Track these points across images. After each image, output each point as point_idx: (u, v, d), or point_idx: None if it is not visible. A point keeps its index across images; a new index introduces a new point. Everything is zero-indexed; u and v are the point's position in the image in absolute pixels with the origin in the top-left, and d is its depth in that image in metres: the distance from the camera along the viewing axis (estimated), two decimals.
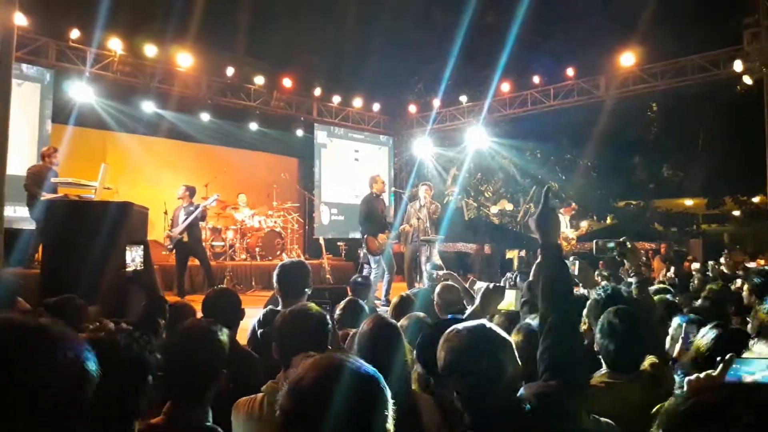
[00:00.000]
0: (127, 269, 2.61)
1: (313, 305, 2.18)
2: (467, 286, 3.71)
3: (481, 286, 2.52)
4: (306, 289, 2.99)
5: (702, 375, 1.36)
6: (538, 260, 1.74)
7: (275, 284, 3.01)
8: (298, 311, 2.15)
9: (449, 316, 2.35)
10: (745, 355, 1.54)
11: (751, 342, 2.04)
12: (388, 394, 1.15)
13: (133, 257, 2.62)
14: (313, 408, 1.08)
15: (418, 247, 7.72)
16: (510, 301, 3.03)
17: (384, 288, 7.41)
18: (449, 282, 3.69)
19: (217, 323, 1.95)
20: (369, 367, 1.17)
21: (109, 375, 0.96)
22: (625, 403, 1.98)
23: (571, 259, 3.42)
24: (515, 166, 13.66)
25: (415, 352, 2.11)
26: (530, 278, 2.98)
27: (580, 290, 4.05)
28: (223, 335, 1.90)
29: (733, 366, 1.32)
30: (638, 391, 2.10)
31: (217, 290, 3.16)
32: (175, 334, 1.88)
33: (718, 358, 1.34)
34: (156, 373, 1.53)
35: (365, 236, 7.48)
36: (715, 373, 1.33)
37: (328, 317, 2.21)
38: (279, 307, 2.93)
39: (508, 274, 4.91)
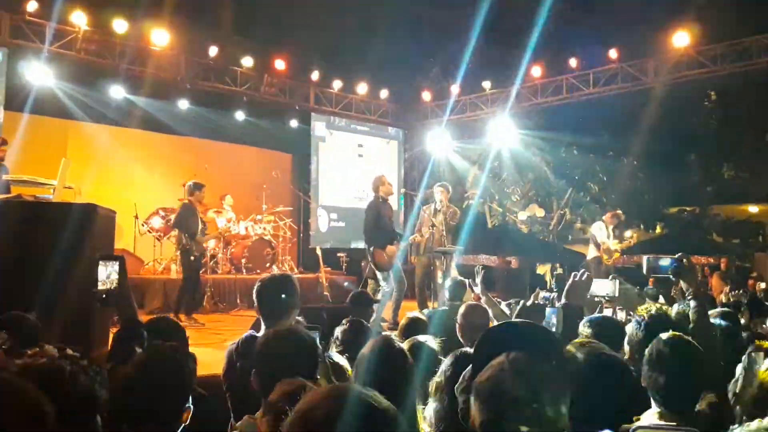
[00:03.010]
0: (99, 288, 2.56)
1: (300, 327, 2.19)
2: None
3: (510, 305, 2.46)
4: (293, 309, 2.96)
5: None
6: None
7: (255, 303, 3.00)
8: (283, 333, 2.16)
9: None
10: None
11: None
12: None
13: (108, 274, 2.58)
14: None
15: (432, 259, 7.76)
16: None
17: (392, 308, 7.42)
18: (478, 303, 3.68)
19: (179, 348, 1.96)
20: (386, 402, 1.21)
21: (48, 411, 0.91)
22: None
23: (610, 277, 3.30)
24: (548, 164, 13.64)
25: (435, 381, 2.09)
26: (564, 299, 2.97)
27: (618, 313, 4.11)
28: (191, 362, 1.92)
29: None
30: None
31: (160, 317, 3.24)
32: (135, 363, 1.86)
33: None
34: (107, 413, 1.47)
35: (371, 248, 7.52)
36: None
37: (318, 341, 2.23)
38: (261, 332, 2.92)
39: (543, 294, 4.79)
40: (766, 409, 1.44)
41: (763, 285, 8.95)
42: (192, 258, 8.20)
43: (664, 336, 2.32)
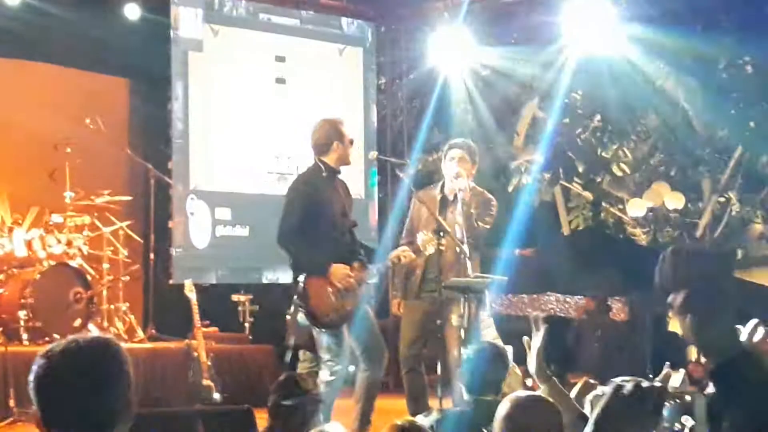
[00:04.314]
0: None
1: None
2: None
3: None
4: (118, 417, 2.16)
5: None
6: None
7: (35, 407, 2.21)
8: None
9: None
10: None
11: None
12: None
13: None
14: None
15: (439, 303, 6.30)
16: None
17: (355, 413, 6.14)
18: (538, 396, 3.05)
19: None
20: None
21: None
22: None
23: None
24: (691, 97, 9.71)
25: None
26: None
27: None
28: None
29: None
30: None
31: None
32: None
33: None
34: None
35: (301, 279, 5.88)
36: None
37: None
38: None
39: (677, 374, 4.64)
40: None
41: None
42: None
43: None
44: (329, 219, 6.01)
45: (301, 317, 6.18)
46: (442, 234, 6.09)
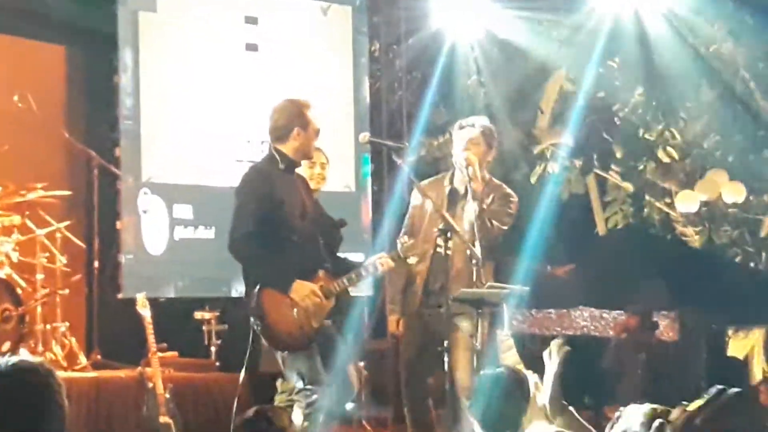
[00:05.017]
0: None
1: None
2: None
3: None
4: None
5: None
6: None
7: None
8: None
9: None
10: None
11: None
12: None
13: None
14: None
15: (445, 320, 6.02)
16: None
17: None
18: None
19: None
20: None
21: None
22: None
23: None
24: (751, 67, 9.17)
25: None
26: None
27: None
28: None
29: None
30: None
31: None
32: None
33: None
34: None
35: (256, 290, 5.64)
36: None
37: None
38: None
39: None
40: None
41: None
42: None
43: None
44: (288, 222, 5.59)
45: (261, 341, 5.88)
46: (449, 235, 5.61)
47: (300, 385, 5.50)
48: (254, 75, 8.47)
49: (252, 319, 5.78)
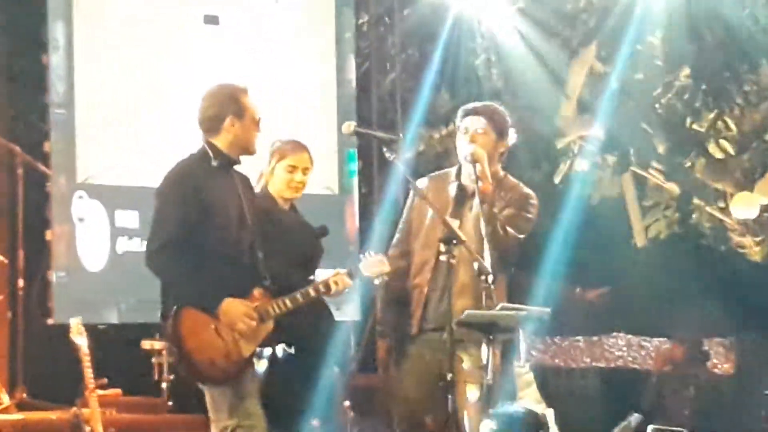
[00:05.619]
0: None
1: None
2: None
3: None
4: None
5: None
6: None
7: None
8: None
9: None
10: None
11: None
12: None
13: None
14: None
15: (448, 348, 5.49)
16: None
17: None
18: None
19: None
20: None
21: None
22: None
23: None
24: None
25: None
26: None
27: None
28: None
29: None
30: None
31: None
32: None
33: None
34: None
35: (173, 311, 5.46)
36: None
37: None
38: None
39: None
40: None
41: None
42: None
43: None
44: (219, 230, 5.06)
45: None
46: (454, 243, 4.96)
47: (233, 421, 4.84)
48: (214, 53, 8.00)
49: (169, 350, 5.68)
